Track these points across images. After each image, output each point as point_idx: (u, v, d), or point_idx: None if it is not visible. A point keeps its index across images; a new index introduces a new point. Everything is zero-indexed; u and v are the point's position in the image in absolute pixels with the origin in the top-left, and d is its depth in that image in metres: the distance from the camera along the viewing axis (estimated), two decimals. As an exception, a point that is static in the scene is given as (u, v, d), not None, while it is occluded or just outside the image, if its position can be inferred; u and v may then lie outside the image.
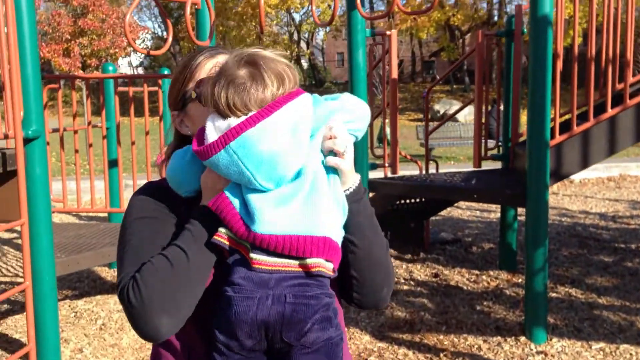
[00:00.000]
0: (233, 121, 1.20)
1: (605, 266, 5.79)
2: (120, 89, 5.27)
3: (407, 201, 6.20)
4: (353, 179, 1.32)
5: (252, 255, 1.19)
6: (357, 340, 4.36)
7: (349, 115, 1.27)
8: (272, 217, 1.17)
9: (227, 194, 1.22)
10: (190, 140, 1.37)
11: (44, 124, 3.31)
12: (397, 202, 6.13)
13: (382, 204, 6.08)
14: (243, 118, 1.19)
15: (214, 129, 1.21)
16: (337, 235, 1.23)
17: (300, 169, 1.20)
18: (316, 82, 39.17)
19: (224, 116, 1.21)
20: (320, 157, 1.25)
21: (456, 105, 25.30)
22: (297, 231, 1.17)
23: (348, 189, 1.31)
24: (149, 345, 4.36)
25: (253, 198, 1.19)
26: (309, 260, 1.18)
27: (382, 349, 4.21)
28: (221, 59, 1.39)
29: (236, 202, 1.21)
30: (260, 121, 1.17)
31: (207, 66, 1.40)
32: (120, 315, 4.83)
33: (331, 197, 1.23)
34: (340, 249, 1.24)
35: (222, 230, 1.22)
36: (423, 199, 6.22)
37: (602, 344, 4.08)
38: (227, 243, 1.22)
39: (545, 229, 4.12)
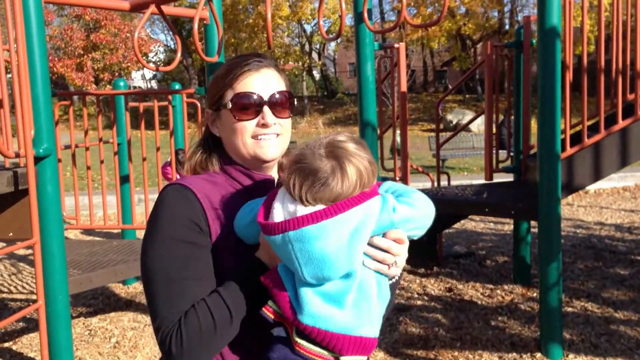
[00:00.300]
0: (300, 209, 1.20)
1: (622, 279, 5.70)
2: (132, 104, 5.30)
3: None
4: (399, 272, 1.34)
5: (296, 339, 1.23)
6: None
7: (412, 224, 1.29)
8: (319, 311, 1.20)
9: (281, 272, 1.25)
10: (217, 140, 1.50)
11: (55, 141, 3.32)
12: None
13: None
14: (310, 209, 1.19)
15: (281, 208, 1.22)
16: (376, 330, 1.25)
17: (350, 271, 1.21)
18: (328, 93, 39.24)
19: (294, 199, 1.21)
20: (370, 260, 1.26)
21: (469, 115, 25.21)
22: (340, 329, 1.20)
23: (392, 279, 1.34)
24: (161, 363, 4.35)
25: (304, 287, 1.21)
26: (344, 358, 1.22)
27: (396, 365, 4.17)
28: (265, 73, 1.44)
29: (288, 283, 1.24)
30: (324, 220, 1.17)
31: (249, 80, 1.42)
32: (134, 333, 4.83)
33: (376, 297, 1.25)
34: (377, 340, 1.27)
35: (270, 304, 1.26)
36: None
37: (619, 360, 4.01)
38: (273, 317, 1.25)
39: (559, 243, 4.07)
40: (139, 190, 7.81)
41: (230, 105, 1.41)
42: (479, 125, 21.15)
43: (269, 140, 1.43)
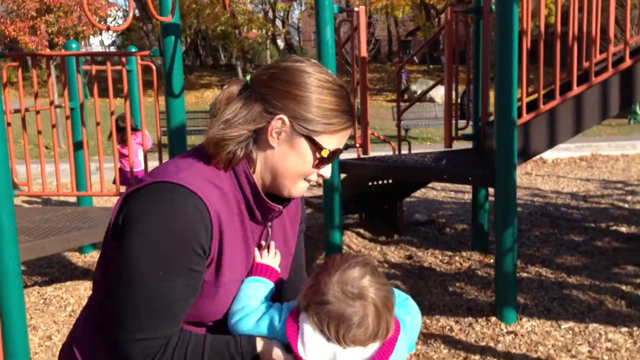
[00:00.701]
0: (339, 352, 1.19)
1: (576, 246, 5.84)
2: (85, 67, 5.12)
3: (380, 182, 6.17)
4: None
5: None
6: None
7: (414, 334, 1.34)
8: None
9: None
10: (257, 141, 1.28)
11: (1, 104, 3.18)
12: (370, 184, 6.10)
13: (355, 185, 6.05)
14: (349, 352, 1.20)
15: (316, 347, 1.20)
16: None
17: None
18: (292, 61, 38.76)
19: (327, 337, 1.20)
20: None
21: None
22: None
23: None
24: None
25: None
26: None
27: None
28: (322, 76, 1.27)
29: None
30: None
31: (343, 137, 1.31)
32: (88, 300, 4.75)
33: None
34: None
35: None
36: (395, 180, 6.20)
37: (571, 324, 4.11)
38: None
39: (514, 209, 4.12)
40: (94, 158, 7.64)
41: (324, 155, 1.27)
42: (442, 95, 21.27)
43: (307, 185, 1.35)
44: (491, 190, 5.77)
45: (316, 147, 1.26)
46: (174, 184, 1.20)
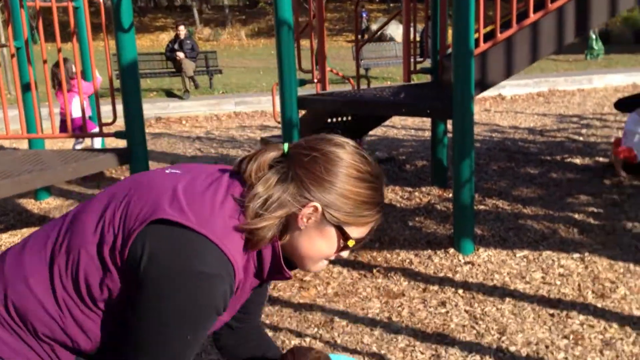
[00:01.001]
0: None
1: (532, 178, 5.96)
2: (29, 4, 4.86)
3: (339, 119, 6.13)
4: None
5: None
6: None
7: None
8: None
9: None
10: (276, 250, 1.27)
11: None
12: (329, 120, 6.06)
13: (314, 122, 5.99)
14: None
15: None
16: None
17: None
18: (250, 2, 37.87)
19: None
20: None
21: (394, 24, 25.01)
22: None
23: None
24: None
25: None
26: None
27: (316, 266, 4.24)
28: None
29: None
30: None
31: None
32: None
33: None
34: None
35: None
36: (354, 117, 6.17)
37: (525, 252, 4.22)
38: None
39: (471, 140, 4.15)
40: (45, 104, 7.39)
41: (350, 245, 1.28)
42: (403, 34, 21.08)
43: (327, 263, 1.36)
44: (450, 127, 5.82)
45: (344, 236, 1.27)
46: (220, 251, 1.18)
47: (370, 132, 8.25)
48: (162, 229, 1.17)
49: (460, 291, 3.73)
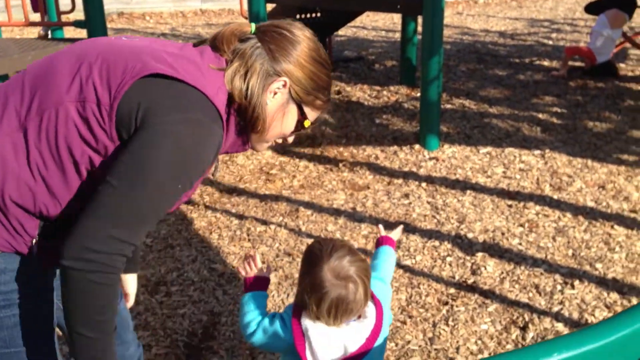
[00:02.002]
0: (345, 338, 1.42)
1: (500, 79, 5.98)
2: None
3: (309, 16, 5.99)
4: None
5: None
6: (259, 156, 4.38)
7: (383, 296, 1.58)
8: None
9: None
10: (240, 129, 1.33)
11: None
12: (298, 17, 5.91)
13: (282, 18, 5.85)
14: (349, 332, 1.43)
15: (328, 342, 1.41)
16: None
17: None
18: None
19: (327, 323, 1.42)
20: None
21: None
22: None
23: None
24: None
25: None
26: None
27: (284, 162, 4.27)
28: None
29: None
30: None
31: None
32: None
33: None
34: None
35: None
36: (324, 13, 6.03)
37: (489, 148, 4.31)
38: None
39: (440, 37, 4.12)
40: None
41: (306, 125, 1.37)
42: None
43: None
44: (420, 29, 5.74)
45: (302, 116, 1.35)
46: (211, 103, 1.21)
47: (340, 32, 8.10)
48: (157, 82, 1.19)
49: (424, 184, 3.83)
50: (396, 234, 1.81)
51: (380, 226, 1.83)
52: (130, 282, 1.67)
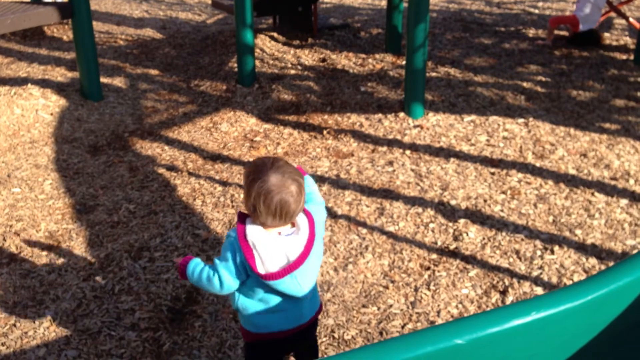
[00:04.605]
0: (285, 248, 1.69)
1: (485, 48, 5.96)
2: None
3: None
4: None
5: None
6: (244, 123, 4.36)
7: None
8: None
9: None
10: None
11: None
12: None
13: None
14: (294, 238, 1.71)
15: (273, 252, 1.68)
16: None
17: None
18: None
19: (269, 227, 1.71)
20: None
21: None
22: None
23: None
24: (24, 131, 4.16)
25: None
26: None
27: (268, 130, 4.25)
28: None
29: None
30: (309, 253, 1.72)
31: None
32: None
33: None
34: None
35: None
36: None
37: (473, 117, 4.32)
38: None
39: (427, 4, 4.08)
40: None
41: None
42: None
43: None
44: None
45: None
46: None
47: (326, -1, 8.01)
48: None
49: (408, 152, 3.83)
50: None
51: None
52: None
